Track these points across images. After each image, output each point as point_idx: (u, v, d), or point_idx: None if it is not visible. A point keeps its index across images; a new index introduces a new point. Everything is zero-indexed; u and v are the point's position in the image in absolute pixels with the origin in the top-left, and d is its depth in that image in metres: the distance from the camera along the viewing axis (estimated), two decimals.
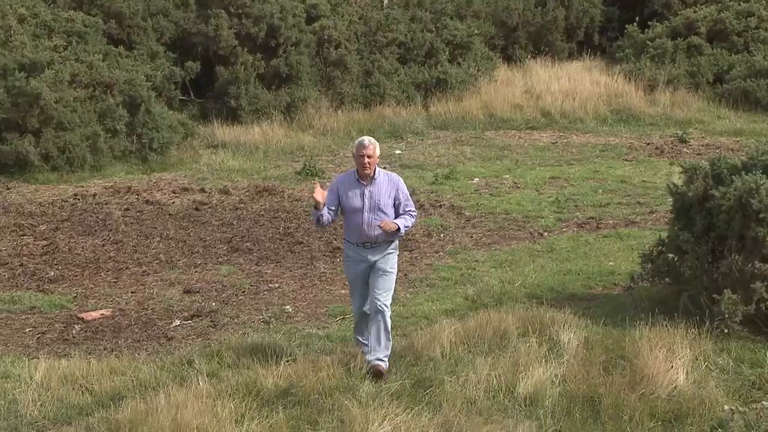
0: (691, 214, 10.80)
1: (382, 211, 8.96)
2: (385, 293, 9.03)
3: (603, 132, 22.36)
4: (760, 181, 10.14)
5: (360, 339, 9.48)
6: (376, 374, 8.92)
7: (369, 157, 8.92)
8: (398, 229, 8.95)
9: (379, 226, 8.90)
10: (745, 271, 10.11)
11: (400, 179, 9.22)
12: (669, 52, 26.12)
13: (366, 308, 9.26)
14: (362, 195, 8.98)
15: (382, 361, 9.03)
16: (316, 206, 8.89)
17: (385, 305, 9.01)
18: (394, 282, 9.20)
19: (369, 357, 9.05)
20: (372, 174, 8.99)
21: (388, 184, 9.07)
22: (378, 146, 9.04)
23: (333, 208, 9.09)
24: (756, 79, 24.04)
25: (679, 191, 11.05)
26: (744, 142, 20.84)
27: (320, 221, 9.01)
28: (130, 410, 8.53)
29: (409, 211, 9.12)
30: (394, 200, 9.05)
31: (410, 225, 9.15)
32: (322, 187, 8.95)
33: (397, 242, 9.22)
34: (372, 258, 9.06)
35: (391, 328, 9.24)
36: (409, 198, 9.20)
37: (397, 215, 9.08)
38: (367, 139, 9.03)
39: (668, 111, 23.49)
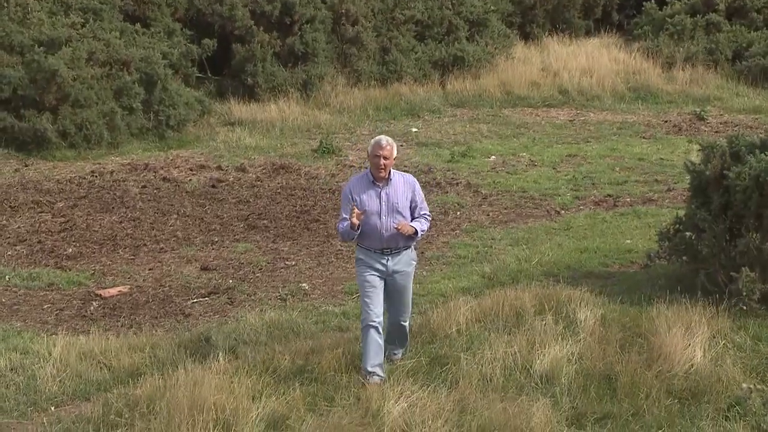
0: (709, 193, 10.76)
1: (400, 214, 8.49)
2: (408, 310, 8.94)
3: (620, 110, 22.25)
4: None
5: (371, 371, 8.56)
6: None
7: (386, 158, 8.40)
8: (415, 233, 8.50)
9: (395, 227, 8.40)
10: (763, 250, 10.08)
11: (416, 180, 8.77)
12: (687, 29, 25.90)
13: (380, 320, 8.58)
14: (379, 197, 8.47)
15: (397, 354, 9.08)
16: (352, 227, 8.32)
17: (406, 322, 8.96)
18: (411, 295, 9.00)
19: (391, 350, 8.95)
20: (387, 175, 8.48)
21: (404, 186, 8.59)
22: (395, 147, 8.49)
23: None
24: None
25: (697, 169, 11.00)
26: (763, 119, 20.72)
27: (350, 237, 8.56)
28: (148, 386, 8.59)
29: (425, 214, 8.70)
30: (411, 202, 8.58)
31: (425, 229, 8.71)
32: (356, 209, 8.33)
33: (414, 252, 8.83)
34: (392, 267, 8.57)
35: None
36: (424, 200, 8.78)
37: (412, 218, 8.63)
38: (384, 139, 8.46)
39: (686, 88, 23.34)
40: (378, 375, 8.46)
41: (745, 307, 9.94)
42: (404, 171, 16.52)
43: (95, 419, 8.22)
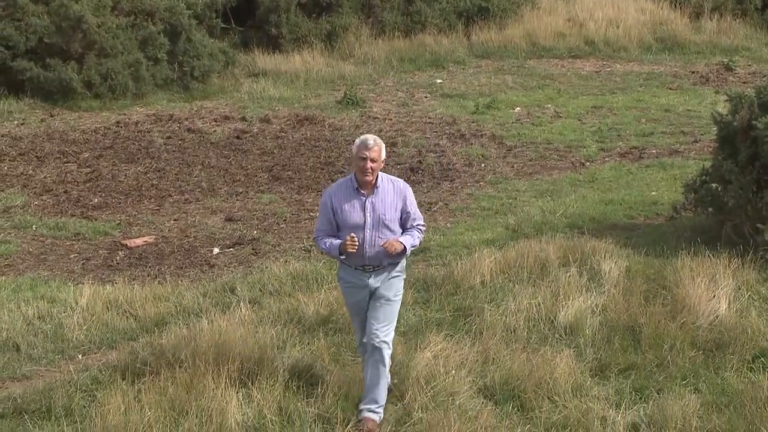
0: (736, 144, 10.69)
1: (388, 228, 7.24)
2: (385, 327, 7.32)
3: (647, 60, 22.03)
4: None
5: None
6: (368, 429, 7.28)
7: (373, 161, 7.12)
8: (404, 250, 7.27)
9: (382, 246, 7.20)
10: None
11: (408, 186, 7.41)
12: None
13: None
14: (363, 208, 7.21)
15: (376, 412, 7.38)
16: (340, 253, 7.23)
17: (385, 342, 7.29)
18: (397, 312, 7.52)
19: (361, 406, 7.42)
20: (374, 182, 7.21)
21: (393, 194, 7.26)
22: (383, 148, 7.20)
23: (333, 232, 7.39)
24: None
25: (724, 120, 10.93)
26: None
27: (332, 256, 7.53)
28: (173, 335, 8.65)
29: (418, 225, 7.42)
30: (401, 213, 7.32)
31: (417, 243, 7.44)
32: (355, 240, 7.14)
33: (403, 264, 7.52)
34: (374, 284, 7.35)
35: (390, 368, 7.60)
36: (417, 209, 7.46)
37: (403, 229, 7.41)
38: (371, 139, 7.18)
39: (714, 38, 23.05)
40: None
41: None
42: (428, 123, 16.76)
43: (122, 367, 8.30)
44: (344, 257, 7.26)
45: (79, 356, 8.72)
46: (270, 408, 7.56)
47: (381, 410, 7.38)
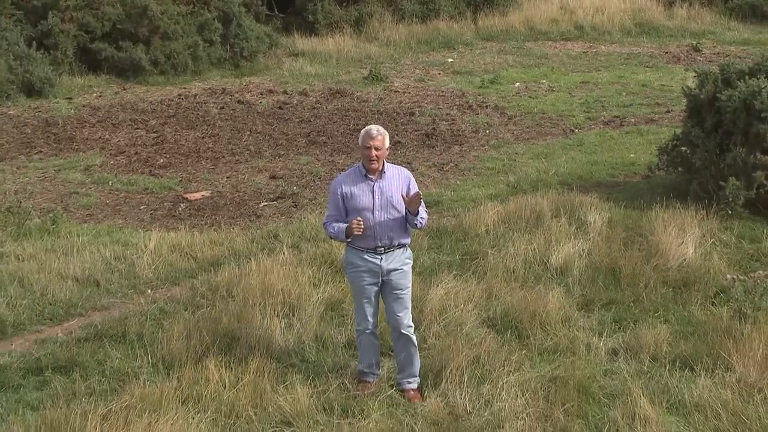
0: (703, 114, 10.63)
1: (395, 209, 6.56)
2: (407, 314, 6.77)
3: (627, 42, 21.74)
4: (762, 85, 10.04)
5: (366, 371, 6.93)
6: (413, 398, 6.74)
7: (377, 149, 6.52)
8: (417, 213, 6.54)
9: (403, 197, 6.54)
10: (748, 162, 10.00)
11: (410, 174, 6.79)
12: None
13: (374, 328, 6.84)
14: (372, 191, 6.57)
15: (414, 383, 6.84)
16: (347, 235, 6.59)
17: (410, 326, 6.77)
18: (411, 296, 6.87)
19: (400, 379, 6.88)
20: (381, 168, 6.60)
21: (399, 179, 6.66)
22: (387, 136, 6.61)
23: (341, 218, 6.71)
24: None
25: (693, 93, 10.86)
26: (750, 50, 20.13)
27: (339, 240, 6.80)
28: (226, 274, 8.69)
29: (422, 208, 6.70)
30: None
31: (426, 216, 6.67)
32: (361, 223, 6.52)
33: (410, 251, 6.84)
34: (386, 266, 6.61)
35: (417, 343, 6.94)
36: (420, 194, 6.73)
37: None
38: (375, 129, 6.58)
39: (684, 24, 22.73)
40: (372, 374, 6.93)
41: (730, 211, 9.90)
42: (441, 96, 16.64)
43: (184, 300, 8.36)
44: (350, 240, 6.62)
45: (149, 291, 8.77)
46: (308, 335, 7.60)
47: (418, 379, 6.87)
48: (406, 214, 6.60)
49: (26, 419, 6.42)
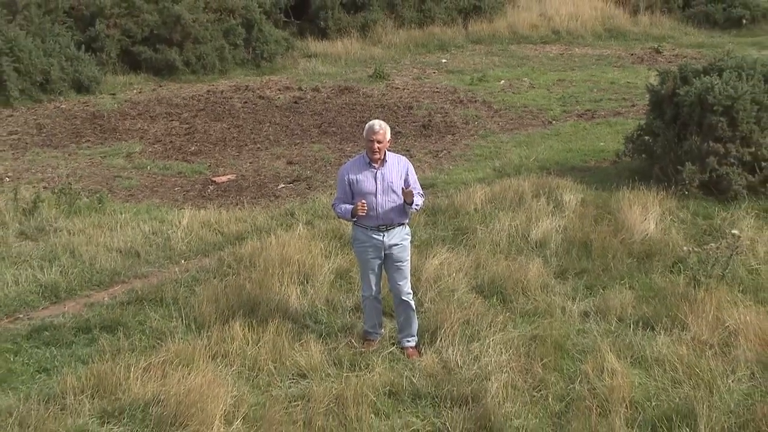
0: (663, 107, 10.61)
1: (395, 193, 6.60)
2: (406, 283, 6.81)
3: (598, 45, 21.61)
4: (715, 82, 10.04)
5: (370, 331, 6.99)
6: (411, 355, 6.81)
7: (379, 142, 6.56)
8: (413, 196, 6.58)
9: (402, 190, 6.59)
10: (702, 149, 10.00)
11: (409, 162, 6.82)
12: None
13: (377, 294, 6.90)
14: (374, 177, 6.60)
15: (412, 342, 6.91)
16: (353, 215, 6.62)
17: (409, 293, 6.82)
18: (410, 268, 6.93)
19: (400, 338, 6.92)
20: (383, 157, 6.64)
21: (398, 166, 6.69)
22: (388, 130, 6.66)
23: (348, 200, 6.73)
24: (715, 4, 23.13)
25: (655, 89, 10.83)
26: (705, 52, 19.98)
27: (346, 219, 6.82)
28: (249, 247, 8.70)
29: (418, 192, 6.71)
30: (405, 183, 6.68)
31: (421, 203, 6.70)
32: (364, 205, 6.58)
33: (409, 228, 6.85)
34: (387, 241, 6.66)
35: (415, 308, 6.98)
36: (417, 180, 6.80)
37: None
38: (377, 124, 6.63)
39: (647, 29, 22.60)
40: (376, 333, 6.98)
41: (687, 192, 9.91)
42: (436, 92, 16.56)
43: (213, 270, 8.37)
44: (356, 219, 6.64)
45: (182, 261, 8.78)
46: (320, 300, 7.61)
47: (416, 338, 6.90)
48: (403, 200, 6.62)
49: (77, 371, 6.45)
